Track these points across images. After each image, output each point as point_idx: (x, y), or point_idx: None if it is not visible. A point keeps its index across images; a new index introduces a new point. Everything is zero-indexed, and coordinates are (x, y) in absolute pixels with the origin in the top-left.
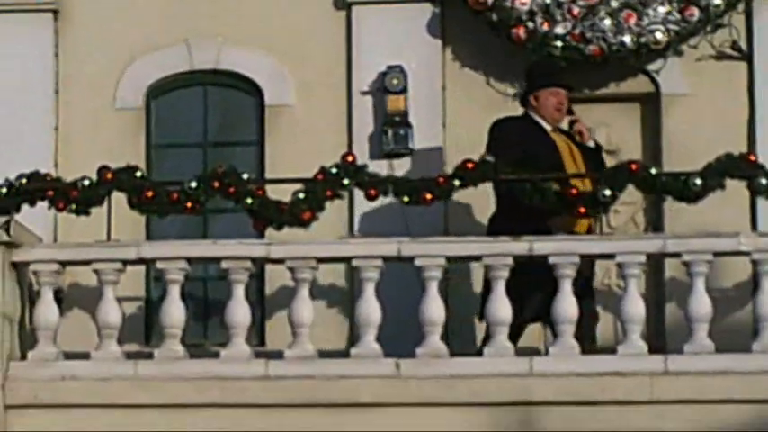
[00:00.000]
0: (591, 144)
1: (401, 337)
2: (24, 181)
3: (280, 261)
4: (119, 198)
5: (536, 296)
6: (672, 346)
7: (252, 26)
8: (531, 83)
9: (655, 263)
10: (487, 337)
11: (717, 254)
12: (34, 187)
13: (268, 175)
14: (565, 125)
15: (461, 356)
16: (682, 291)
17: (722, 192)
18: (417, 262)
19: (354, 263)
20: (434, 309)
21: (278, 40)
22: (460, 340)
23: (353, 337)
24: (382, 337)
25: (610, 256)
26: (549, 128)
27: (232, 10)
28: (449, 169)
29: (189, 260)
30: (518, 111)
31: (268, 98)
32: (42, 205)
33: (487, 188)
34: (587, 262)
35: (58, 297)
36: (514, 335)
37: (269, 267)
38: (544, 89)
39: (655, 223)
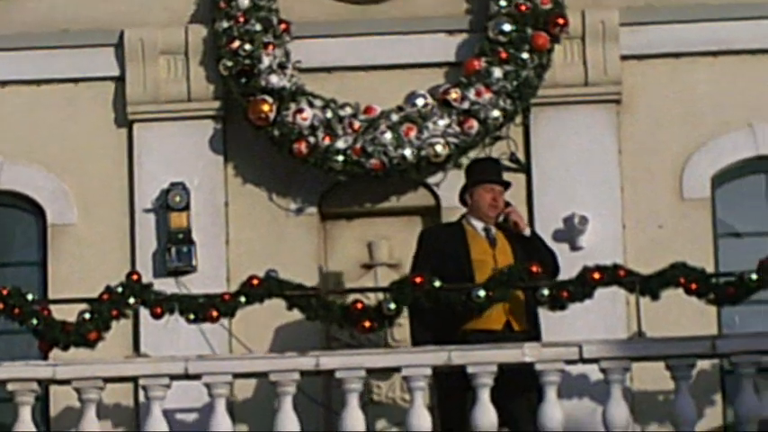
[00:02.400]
0: (527, 233)
1: None
2: None
3: (66, 382)
4: None
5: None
6: None
7: (32, 144)
8: (467, 181)
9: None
10: None
11: (501, 365)
12: None
13: (52, 295)
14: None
15: None
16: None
17: None
18: (204, 380)
19: (141, 382)
20: (224, 426)
21: (59, 158)
22: None
23: None
24: None
25: (395, 370)
26: (480, 225)
27: (11, 127)
28: (233, 286)
29: None
30: (300, 227)
31: (50, 217)
32: None
33: None
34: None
35: None
36: None
37: (54, 388)
38: (478, 186)
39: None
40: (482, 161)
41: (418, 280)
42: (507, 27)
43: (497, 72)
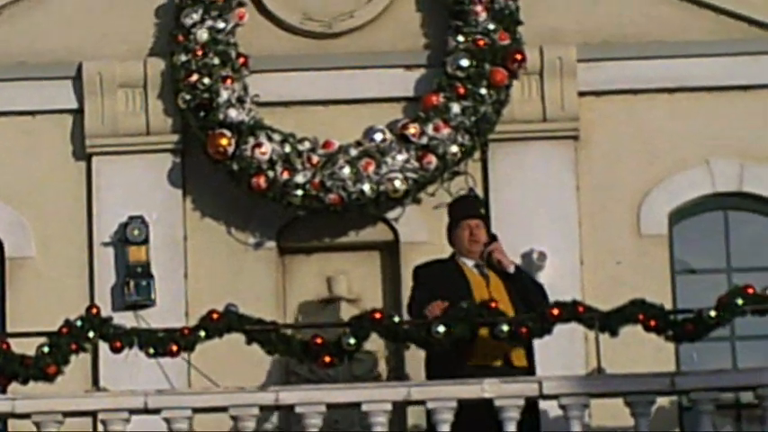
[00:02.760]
0: (511, 270)
1: None
2: None
3: (25, 416)
4: None
5: None
6: None
7: None
8: (448, 224)
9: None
10: None
11: (461, 401)
12: None
13: (11, 329)
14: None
15: None
16: None
17: None
18: (164, 414)
19: (101, 416)
20: None
21: (17, 191)
22: None
23: None
24: None
25: (356, 405)
26: (471, 263)
27: None
28: (192, 320)
29: None
30: (259, 261)
31: (8, 250)
32: None
33: None
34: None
35: None
36: None
37: (13, 422)
38: (454, 227)
39: (397, 371)
40: (456, 201)
41: (377, 315)
42: (465, 62)
43: (456, 107)
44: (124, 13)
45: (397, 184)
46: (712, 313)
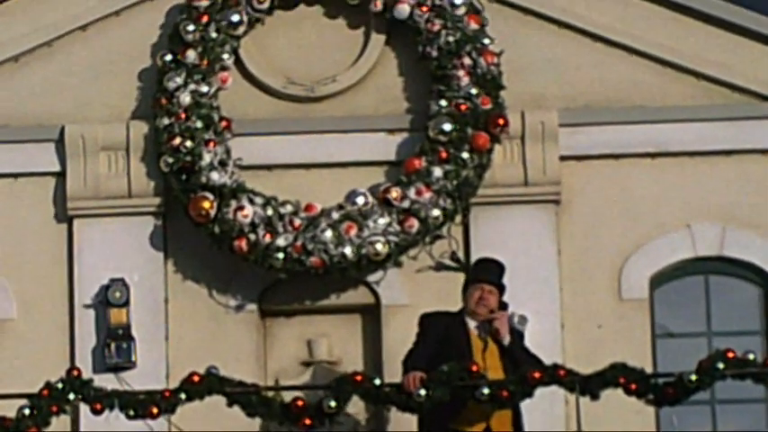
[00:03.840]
0: (505, 342)
1: None
2: None
3: None
4: None
5: None
6: None
7: None
8: (465, 280)
9: None
10: None
11: None
12: None
13: None
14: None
15: None
16: None
17: None
18: None
19: None
20: None
21: None
22: None
23: None
24: None
25: None
26: (473, 324)
27: None
28: (172, 382)
29: None
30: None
31: None
32: None
33: None
34: None
35: None
36: None
37: None
38: (470, 285)
39: None
40: (483, 261)
41: (358, 378)
42: (448, 126)
43: (438, 171)
44: (107, 76)
45: (379, 247)
46: (693, 377)
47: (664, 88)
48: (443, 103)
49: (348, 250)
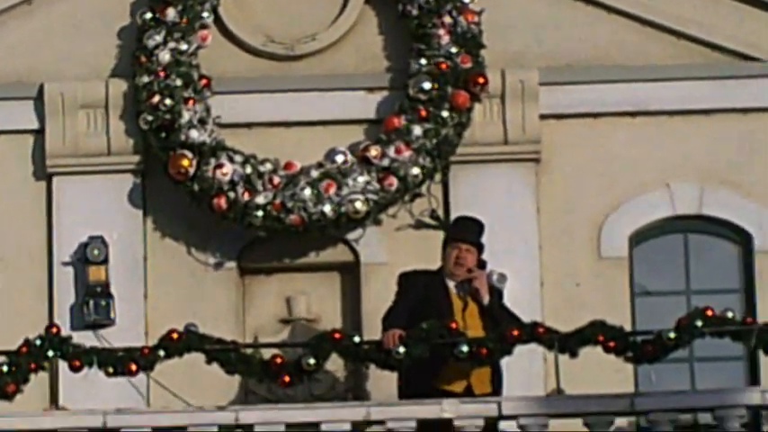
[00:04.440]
0: (484, 302)
1: None
2: None
3: None
4: None
5: None
6: None
7: None
8: (443, 239)
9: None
10: None
11: (420, 420)
12: None
13: None
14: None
15: None
16: None
17: None
18: None
19: None
20: None
21: None
22: None
23: None
24: None
25: (315, 425)
26: (452, 284)
27: None
28: (151, 339)
29: None
30: (219, 281)
31: None
32: None
33: None
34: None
35: None
36: None
37: None
38: (448, 244)
39: (356, 391)
40: (461, 219)
41: (337, 335)
42: (428, 85)
43: (417, 130)
44: (86, 34)
45: (358, 205)
46: (672, 335)
47: (644, 47)
48: (423, 61)
49: (327, 208)
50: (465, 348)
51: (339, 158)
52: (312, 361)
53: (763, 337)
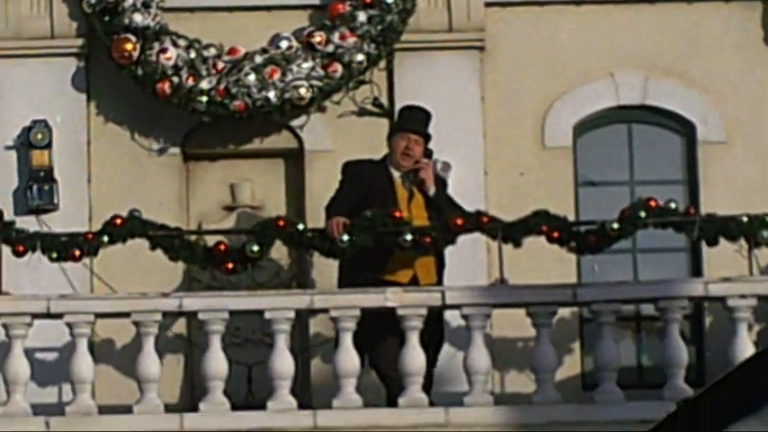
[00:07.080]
0: (430, 192)
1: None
2: None
3: None
4: None
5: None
6: (320, 401)
7: None
8: (390, 128)
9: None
10: None
11: (363, 309)
12: None
13: None
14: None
15: None
16: (329, 347)
17: None
18: (66, 319)
19: (2, 320)
20: (84, 365)
21: None
22: None
23: None
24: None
25: (259, 312)
26: (397, 174)
27: None
28: (95, 225)
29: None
30: (163, 167)
31: None
32: None
33: None
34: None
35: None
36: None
37: None
38: (396, 134)
39: (300, 279)
40: (409, 108)
41: (281, 222)
42: None
43: (362, 16)
44: None
45: (303, 91)
46: (615, 225)
47: None
48: None
49: (271, 94)
50: (409, 237)
51: (283, 44)
52: (256, 248)
53: (705, 228)
